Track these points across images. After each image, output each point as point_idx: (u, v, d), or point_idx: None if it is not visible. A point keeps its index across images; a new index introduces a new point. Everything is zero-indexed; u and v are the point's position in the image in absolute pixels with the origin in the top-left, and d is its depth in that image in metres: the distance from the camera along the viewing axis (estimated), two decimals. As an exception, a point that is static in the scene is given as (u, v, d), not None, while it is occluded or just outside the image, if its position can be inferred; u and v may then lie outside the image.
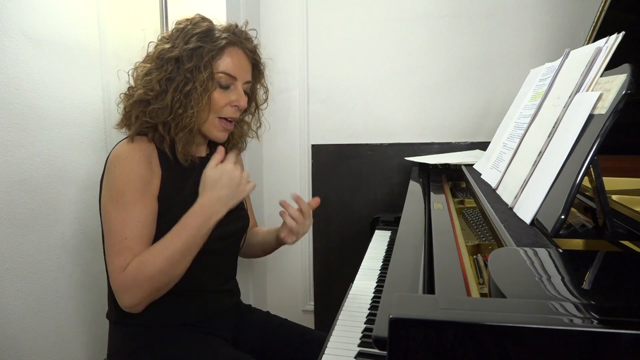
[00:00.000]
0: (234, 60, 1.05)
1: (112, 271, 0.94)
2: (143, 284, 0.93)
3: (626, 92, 0.61)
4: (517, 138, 0.95)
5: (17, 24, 1.11)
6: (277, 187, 2.06)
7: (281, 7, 1.95)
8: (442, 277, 0.62)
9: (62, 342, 1.27)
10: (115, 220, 0.96)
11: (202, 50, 1.00)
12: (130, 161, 0.99)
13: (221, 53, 1.04)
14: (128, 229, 0.95)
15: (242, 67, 1.07)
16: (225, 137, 1.11)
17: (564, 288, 0.48)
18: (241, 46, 1.07)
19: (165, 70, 1.01)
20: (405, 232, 0.94)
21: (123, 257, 0.94)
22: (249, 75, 1.10)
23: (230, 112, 1.07)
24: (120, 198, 0.96)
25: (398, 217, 1.18)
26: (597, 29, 1.17)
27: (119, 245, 0.95)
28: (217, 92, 1.04)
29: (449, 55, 1.81)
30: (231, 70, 1.05)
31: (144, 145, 1.02)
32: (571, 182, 0.61)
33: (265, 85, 1.20)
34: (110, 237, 0.96)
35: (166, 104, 1.00)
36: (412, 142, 1.88)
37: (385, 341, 0.40)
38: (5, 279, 1.10)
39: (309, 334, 1.20)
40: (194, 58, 1.00)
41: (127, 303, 0.94)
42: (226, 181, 1.02)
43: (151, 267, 0.93)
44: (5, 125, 1.09)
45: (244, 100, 1.07)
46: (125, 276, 0.93)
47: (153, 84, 1.00)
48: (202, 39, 1.02)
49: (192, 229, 0.97)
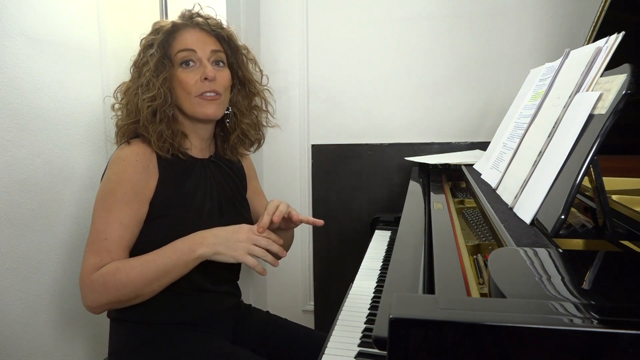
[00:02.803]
0: (186, 37, 1.06)
1: (86, 268, 0.95)
2: (110, 290, 0.93)
3: (626, 92, 0.61)
4: (517, 138, 0.95)
5: (17, 24, 1.11)
6: (277, 187, 2.06)
7: (281, 7, 1.95)
8: (442, 277, 0.62)
9: (62, 341, 1.27)
10: (99, 218, 0.98)
11: (153, 42, 1.04)
12: (126, 164, 1.01)
13: (173, 37, 1.06)
14: (110, 229, 0.96)
15: (199, 40, 1.07)
16: (216, 113, 1.07)
17: (564, 288, 0.48)
18: (192, 23, 1.08)
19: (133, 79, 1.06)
20: (405, 232, 0.94)
21: (100, 257, 0.95)
22: (211, 45, 1.08)
23: (204, 86, 1.05)
24: (109, 197, 0.98)
25: (398, 217, 1.18)
26: (597, 29, 1.17)
27: (98, 244, 0.96)
28: (183, 72, 1.05)
29: (449, 55, 1.81)
30: (186, 44, 1.05)
31: (142, 148, 1.03)
32: (571, 182, 0.61)
33: (252, 58, 1.18)
34: (92, 234, 0.98)
35: (135, 104, 1.02)
36: (412, 142, 1.88)
37: (385, 341, 0.40)
38: (5, 279, 1.10)
39: (309, 334, 1.20)
40: (146, 52, 1.04)
41: (89, 302, 0.95)
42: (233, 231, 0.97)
43: (124, 277, 0.93)
44: (5, 125, 1.09)
45: (210, 70, 1.04)
46: (97, 276, 0.93)
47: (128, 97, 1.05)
48: (152, 34, 1.07)
49: (175, 252, 0.95)
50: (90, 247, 0.97)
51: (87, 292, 0.94)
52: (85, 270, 0.95)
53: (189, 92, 1.05)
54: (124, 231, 0.97)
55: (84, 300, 0.95)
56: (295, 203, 2.05)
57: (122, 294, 0.93)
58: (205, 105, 1.05)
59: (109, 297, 0.93)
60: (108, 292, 0.93)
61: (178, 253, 0.95)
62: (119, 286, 0.93)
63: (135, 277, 0.93)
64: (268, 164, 2.06)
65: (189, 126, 1.10)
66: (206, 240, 0.95)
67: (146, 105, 1.01)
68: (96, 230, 0.97)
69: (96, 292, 0.93)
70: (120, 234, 0.97)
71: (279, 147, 2.03)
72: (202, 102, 1.05)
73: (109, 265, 0.94)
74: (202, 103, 1.05)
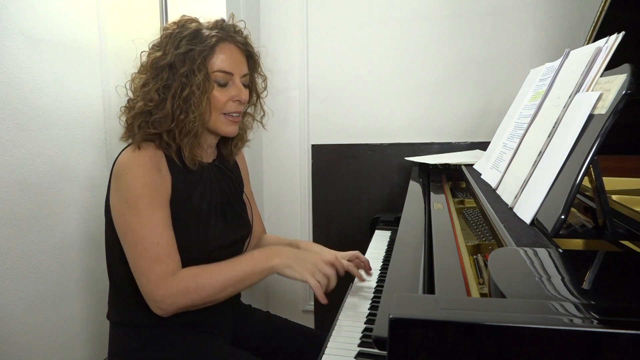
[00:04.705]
0: (227, 56, 1.05)
1: (156, 277, 0.94)
2: (190, 293, 0.94)
3: (626, 92, 0.61)
4: (517, 138, 0.95)
5: (17, 24, 1.11)
6: (277, 187, 2.06)
7: (281, 7, 1.95)
8: (442, 277, 0.62)
9: (62, 342, 1.27)
10: (137, 226, 0.95)
11: (193, 52, 1.00)
12: (142, 167, 0.98)
13: (213, 52, 1.03)
14: (157, 233, 0.95)
15: (237, 61, 1.07)
16: (236, 131, 1.10)
17: (564, 288, 0.48)
18: (232, 40, 1.07)
19: (162, 78, 1.00)
20: (405, 232, 0.94)
21: (164, 263, 0.94)
22: (245, 68, 1.09)
23: (233, 107, 1.07)
24: (138, 203, 0.95)
25: (398, 217, 1.18)
26: (597, 29, 1.17)
27: (153, 251, 0.94)
28: (216, 90, 1.04)
29: (449, 55, 1.81)
30: (226, 66, 1.04)
31: (151, 152, 1.01)
32: (571, 182, 0.61)
33: (262, 73, 1.20)
34: (138, 244, 0.95)
35: (167, 112, 0.99)
36: (412, 142, 1.88)
37: (385, 341, 0.40)
38: (5, 279, 1.10)
39: (309, 334, 1.20)
40: (187, 62, 1.00)
41: (165, 307, 0.94)
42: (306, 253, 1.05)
43: (206, 280, 0.95)
44: (5, 125, 1.09)
45: (244, 94, 1.07)
46: (176, 281, 0.94)
47: (151, 94, 1.00)
48: (191, 41, 1.01)
49: (253, 259, 1.00)
50: (145, 256, 0.94)
51: (165, 297, 0.94)
52: (156, 279, 0.94)
53: (217, 109, 1.05)
54: (170, 232, 0.98)
55: (158, 304, 0.94)
56: (295, 203, 2.05)
57: (200, 297, 0.95)
58: (230, 125, 1.08)
59: (187, 300, 0.94)
60: (187, 296, 0.94)
61: (256, 260, 1.00)
62: (199, 289, 0.94)
63: (216, 281, 0.96)
64: (268, 164, 2.05)
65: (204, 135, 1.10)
66: (281, 254, 1.02)
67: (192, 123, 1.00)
68: (141, 238, 0.95)
69: (175, 297, 0.94)
70: (168, 236, 0.97)
71: (279, 147, 2.03)
72: (226, 121, 1.07)
73: (186, 270, 0.96)
74: (227, 122, 1.07)
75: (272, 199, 2.07)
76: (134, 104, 1.03)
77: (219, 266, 0.99)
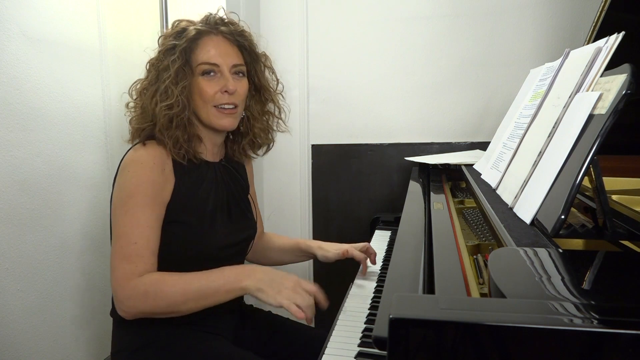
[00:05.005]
0: (210, 48, 1.05)
1: (121, 275, 0.93)
2: (149, 299, 0.92)
3: (626, 92, 0.61)
4: (517, 138, 0.95)
5: (17, 24, 1.11)
6: (277, 187, 2.06)
7: (281, 7, 1.95)
8: (442, 277, 0.62)
9: (63, 341, 1.27)
10: (122, 222, 0.96)
11: (175, 48, 1.02)
12: (145, 166, 0.99)
13: (196, 45, 1.04)
14: (137, 233, 0.95)
15: (222, 52, 1.06)
16: (233, 124, 1.09)
17: (564, 288, 0.48)
18: (217, 32, 1.07)
19: (149, 78, 1.04)
20: (405, 232, 0.94)
21: (134, 263, 0.93)
22: (235, 58, 1.08)
23: (223, 98, 1.05)
24: (129, 200, 0.96)
25: (398, 217, 1.18)
26: (597, 29, 1.17)
27: (128, 249, 0.94)
28: (204, 81, 1.04)
29: (449, 55, 1.81)
30: (210, 58, 1.04)
31: (158, 151, 1.02)
32: (571, 182, 0.61)
33: (269, 65, 1.19)
34: (118, 239, 0.96)
35: (152, 109, 1.01)
36: (412, 142, 1.88)
37: (385, 341, 0.40)
38: (5, 279, 1.10)
39: (309, 334, 1.20)
40: (167, 57, 1.02)
41: (125, 308, 0.93)
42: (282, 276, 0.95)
43: (165, 288, 0.91)
44: (5, 125, 1.09)
45: (232, 84, 1.05)
46: (138, 284, 0.92)
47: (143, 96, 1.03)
48: (175, 37, 1.04)
49: (222, 277, 0.94)
50: (119, 253, 0.94)
51: (125, 298, 0.93)
52: (121, 277, 0.93)
53: (207, 102, 1.05)
54: (151, 234, 0.96)
55: (119, 305, 0.94)
56: (295, 203, 2.05)
57: (159, 305, 0.92)
58: (223, 117, 1.06)
59: (146, 306, 0.92)
60: (146, 301, 0.92)
61: (225, 278, 0.93)
62: (158, 297, 0.91)
63: (176, 291, 0.91)
64: (268, 164, 2.05)
65: (204, 131, 1.10)
66: (255, 275, 0.94)
67: (163, 112, 1.00)
68: (122, 235, 0.95)
69: (134, 299, 0.92)
70: (147, 237, 0.96)
71: (279, 147, 2.01)
72: (218, 113, 1.06)
73: (151, 274, 0.94)
74: (219, 115, 1.06)
75: (272, 198, 2.07)
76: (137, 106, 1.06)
77: (183, 277, 0.93)
